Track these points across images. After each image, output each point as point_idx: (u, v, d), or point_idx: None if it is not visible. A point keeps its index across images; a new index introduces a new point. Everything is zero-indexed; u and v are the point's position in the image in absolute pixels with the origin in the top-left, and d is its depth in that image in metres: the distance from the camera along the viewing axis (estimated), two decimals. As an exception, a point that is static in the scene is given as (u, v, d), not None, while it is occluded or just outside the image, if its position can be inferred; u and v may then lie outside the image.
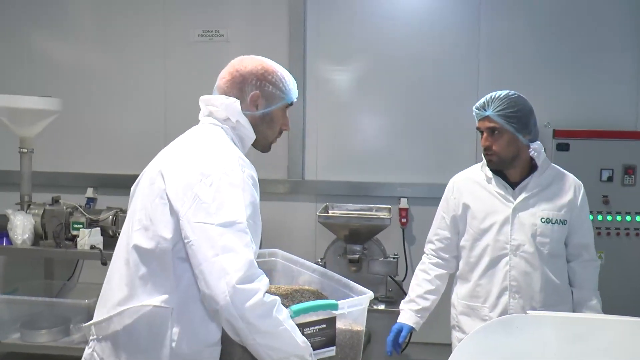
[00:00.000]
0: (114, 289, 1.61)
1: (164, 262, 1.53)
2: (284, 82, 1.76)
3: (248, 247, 1.44)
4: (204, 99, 1.78)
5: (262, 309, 1.40)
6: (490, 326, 1.49)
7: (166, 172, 1.59)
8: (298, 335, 1.48)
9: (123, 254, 1.62)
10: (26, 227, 3.52)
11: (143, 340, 1.54)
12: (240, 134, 1.72)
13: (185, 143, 1.71)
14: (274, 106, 1.74)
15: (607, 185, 3.85)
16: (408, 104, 4.34)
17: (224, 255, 1.41)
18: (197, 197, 1.48)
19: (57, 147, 4.45)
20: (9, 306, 3.55)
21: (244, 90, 1.71)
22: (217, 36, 4.40)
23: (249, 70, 1.73)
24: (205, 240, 1.43)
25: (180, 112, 4.45)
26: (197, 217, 1.46)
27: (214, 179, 1.50)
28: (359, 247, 3.21)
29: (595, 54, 4.19)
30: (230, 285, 1.38)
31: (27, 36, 4.57)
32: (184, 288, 1.54)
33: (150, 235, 1.55)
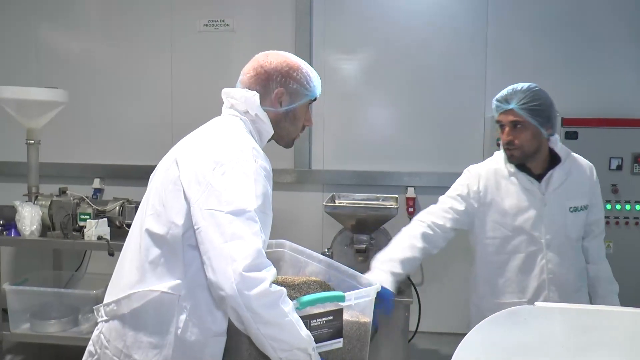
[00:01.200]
0: (124, 272, 1.63)
1: (174, 248, 1.55)
2: (309, 79, 1.76)
3: (257, 235, 1.44)
4: (225, 92, 1.78)
5: (267, 298, 1.40)
6: (497, 318, 1.48)
7: (181, 160, 1.61)
8: (302, 328, 1.47)
9: (136, 239, 1.64)
10: (34, 218, 3.53)
11: (149, 325, 1.56)
12: (259, 127, 1.73)
13: (202, 132, 1.72)
14: (297, 103, 1.75)
15: (616, 174, 3.82)
16: (415, 93, 4.32)
17: (232, 242, 1.41)
18: (209, 184, 1.49)
19: (64, 138, 4.46)
20: (18, 297, 3.57)
21: (268, 86, 1.72)
22: (222, 26, 4.38)
23: (274, 67, 1.73)
24: (214, 227, 1.44)
25: (187, 101, 4.45)
26: (208, 204, 1.47)
27: (226, 167, 1.51)
28: (366, 237, 3.20)
29: (604, 42, 4.15)
30: (236, 272, 1.38)
31: (34, 28, 4.57)
32: (192, 276, 1.55)
33: (163, 221, 1.56)
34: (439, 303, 4.29)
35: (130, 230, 1.73)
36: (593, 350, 1.42)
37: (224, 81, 4.32)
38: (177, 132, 4.40)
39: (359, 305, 1.68)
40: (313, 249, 2.02)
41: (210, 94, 4.39)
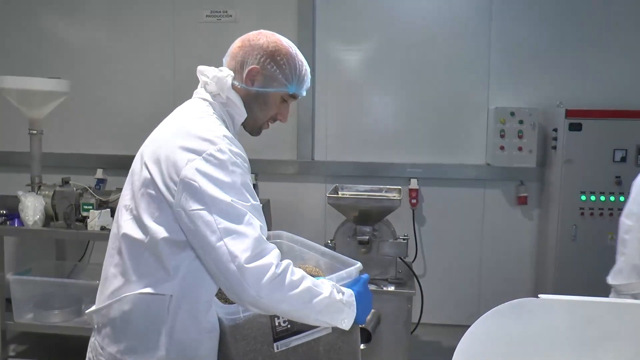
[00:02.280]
0: (109, 278, 1.57)
1: (156, 252, 1.50)
2: (292, 70, 1.64)
3: (249, 225, 1.41)
4: (200, 69, 1.69)
5: (277, 280, 1.39)
6: (500, 310, 1.46)
7: (148, 158, 1.53)
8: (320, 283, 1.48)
9: (115, 242, 1.58)
10: (37, 208, 3.53)
11: (140, 328, 1.52)
12: (231, 111, 1.64)
13: (168, 124, 1.63)
14: (271, 89, 1.64)
15: (620, 166, 3.81)
16: (418, 84, 4.30)
17: (227, 239, 1.39)
18: (185, 182, 1.43)
19: (66, 128, 4.45)
20: (22, 287, 3.59)
21: (246, 61, 1.62)
22: (225, 16, 4.36)
23: (260, 44, 1.63)
24: (205, 227, 1.41)
25: (189, 92, 4.37)
26: (191, 205, 1.42)
27: (199, 162, 1.44)
28: (369, 229, 3.19)
29: (608, 33, 4.13)
30: (240, 267, 1.37)
31: (36, 18, 4.56)
32: (182, 276, 1.51)
33: (141, 226, 1.51)
34: (441, 295, 4.29)
35: (111, 233, 1.65)
36: (599, 343, 1.41)
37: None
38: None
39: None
40: (315, 240, 2.01)
41: (213, 85, 4.42)
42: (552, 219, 3.99)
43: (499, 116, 4.08)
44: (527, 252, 4.31)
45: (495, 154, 4.10)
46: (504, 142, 4.08)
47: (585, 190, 3.84)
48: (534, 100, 4.17)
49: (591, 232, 3.85)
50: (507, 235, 4.32)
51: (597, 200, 3.84)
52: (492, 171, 4.23)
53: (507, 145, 4.08)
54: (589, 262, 3.85)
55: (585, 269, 3.85)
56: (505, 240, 4.32)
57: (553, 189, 3.99)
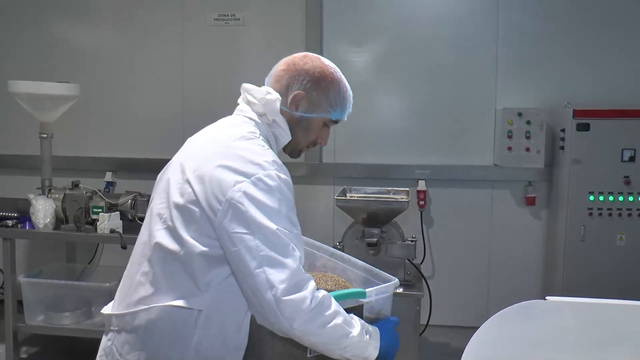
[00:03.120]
0: (136, 285, 1.54)
1: (190, 265, 1.48)
2: (336, 96, 1.66)
3: (290, 255, 1.42)
4: (245, 88, 1.68)
5: (310, 314, 1.40)
6: (508, 312, 1.47)
7: (192, 173, 1.51)
8: (351, 321, 1.49)
9: (145, 250, 1.56)
10: (47, 211, 3.56)
11: (165, 340, 1.50)
12: (276, 132, 1.64)
13: (214, 139, 1.60)
14: (314, 114, 1.66)
15: (629, 166, 3.79)
16: (426, 85, 4.30)
17: (267, 268, 1.39)
18: (231, 205, 1.42)
19: (76, 131, 4.49)
20: (33, 289, 3.62)
21: (291, 85, 1.63)
22: (233, 20, 4.38)
23: (306, 69, 1.64)
24: (246, 252, 1.41)
25: (198, 95, 4.46)
26: (235, 228, 1.42)
27: (247, 185, 1.43)
28: (377, 230, 3.19)
29: (615, 32, 4.11)
30: (277, 298, 1.37)
31: (48, 23, 4.59)
32: (213, 292, 1.49)
33: (176, 238, 1.49)
34: (449, 296, 4.29)
35: (139, 239, 1.63)
36: (607, 345, 1.41)
37: (234, 75, 4.41)
38: (188, 125, 4.38)
39: (378, 302, 1.66)
40: (324, 242, 2.02)
41: (221, 88, 4.43)
42: (560, 220, 3.98)
43: (506, 117, 4.08)
44: (536, 252, 4.30)
45: (503, 154, 4.10)
46: (512, 143, 4.07)
47: (594, 191, 3.83)
48: (541, 100, 4.17)
49: (600, 232, 3.83)
50: (515, 236, 4.31)
51: (605, 201, 3.82)
52: (500, 172, 4.23)
53: (514, 146, 4.08)
54: (598, 262, 3.84)
55: (594, 270, 3.84)
56: (513, 241, 4.31)
57: (561, 190, 3.98)
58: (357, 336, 1.49)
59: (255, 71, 4.31)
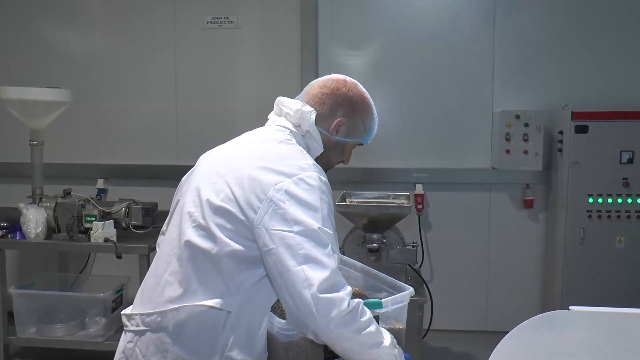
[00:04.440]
0: (163, 284, 1.54)
1: (221, 265, 1.48)
2: (371, 124, 1.77)
3: (330, 256, 1.42)
4: (280, 101, 1.73)
5: (347, 317, 1.39)
6: (532, 323, 1.43)
7: (230, 174, 1.53)
8: (382, 332, 1.49)
9: (175, 249, 1.56)
10: (39, 220, 3.48)
11: (193, 341, 1.49)
12: (309, 143, 1.68)
13: (253, 143, 1.64)
14: (351, 140, 1.74)
15: (627, 168, 3.78)
16: (423, 88, 4.27)
17: (306, 266, 1.39)
18: (273, 203, 1.44)
19: (67, 138, 4.40)
20: (25, 300, 3.53)
21: (335, 111, 1.70)
22: (227, 23, 4.32)
23: (350, 96, 1.72)
24: (286, 250, 1.41)
25: (191, 100, 4.40)
26: (275, 225, 1.43)
27: (289, 184, 1.46)
28: (378, 236, 3.15)
29: (613, 33, 4.12)
30: (314, 296, 1.37)
31: (37, 27, 4.50)
32: (245, 294, 1.49)
33: (210, 237, 1.49)
34: (449, 300, 4.25)
35: (166, 238, 1.64)
36: (634, 356, 1.38)
37: (229, 79, 4.35)
38: (181, 130, 4.34)
39: (394, 312, 1.65)
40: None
41: (215, 92, 4.38)
42: (559, 222, 3.96)
43: (504, 119, 4.05)
44: (535, 255, 4.28)
45: (501, 157, 4.07)
46: (510, 146, 4.05)
47: (593, 193, 3.81)
48: (539, 102, 4.15)
49: (599, 234, 3.82)
50: (513, 239, 4.29)
51: (604, 203, 3.81)
52: (498, 175, 4.20)
53: (512, 148, 4.05)
54: (598, 265, 3.83)
55: (593, 272, 3.83)
56: (512, 244, 4.29)
57: (560, 192, 3.96)
58: (388, 347, 1.48)
59: (251, 74, 4.36)
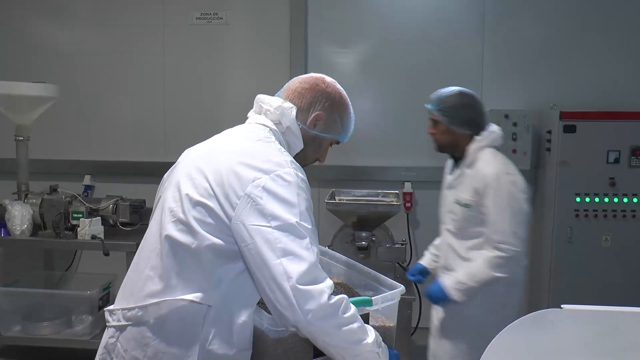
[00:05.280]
0: (144, 279, 1.55)
1: (201, 259, 1.48)
2: (348, 122, 1.78)
3: (308, 249, 1.42)
4: (260, 98, 1.74)
5: (327, 310, 1.40)
6: (524, 321, 1.43)
7: (209, 170, 1.53)
8: (366, 330, 1.48)
9: (155, 244, 1.56)
10: (24, 217, 3.43)
11: (173, 335, 1.49)
12: (289, 140, 1.68)
13: (231, 140, 1.65)
14: (328, 135, 1.74)
15: (614, 167, 3.82)
16: (412, 87, 4.27)
17: (284, 259, 1.40)
18: (250, 199, 1.45)
19: (53, 134, 4.35)
20: (9, 298, 3.49)
21: (314, 104, 1.70)
22: (215, 19, 4.29)
23: (329, 92, 1.73)
24: (264, 244, 1.41)
25: (180, 96, 4.37)
26: (252, 220, 1.43)
27: (267, 180, 1.47)
28: (367, 234, 3.15)
29: (602, 34, 4.15)
30: (294, 287, 1.38)
31: (23, 21, 4.45)
32: (226, 288, 1.50)
33: (189, 231, 1.49)
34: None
35: (147, 233, 1.64)
36: (625, 354, 1.38)
37: (217, 75, 4.32)
38: (169, 127, 4.31)
39: (384, 310, 1.65)
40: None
41: (204, 89, 4.35)
42: (547, 221, 3.98)
43: (493, 119, 4.00)
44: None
45: (490, 156, 4.08)
46: (498, 145, 4.06)
47: (580, 192, 3.84)
48: (527, 102, 4.17)
49: (586, 233, 3.85)
50: (501, 238, 4.29)
51: (591, 202, 3.84)
52: (487, 174, 4.21)
53: (501, 147, 4.05)
54: (585, 263, 3.86)
55: (581, 271, 3.86)
56: (499, 242, 4.30)
57: (548, 191, 3.99)
58: (371, 345, 1.48)
59: (239, 71, 4.33)
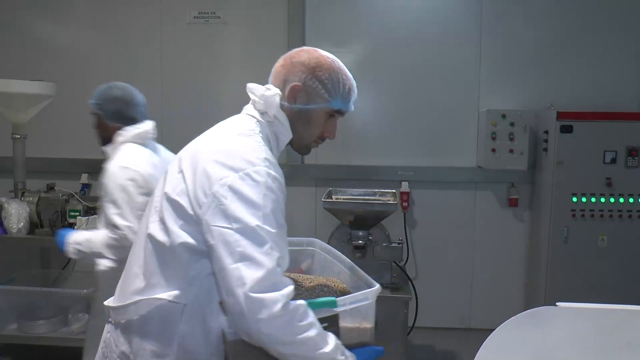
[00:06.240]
0: (131, 277, 1.56)
1: (178, 258, 1.47)
2: (335, 85, 1.58)
3: (268, 255, 1.37)
4: (249, 87, 1.64)
5: (281, 319, 1.34)
6: (520, 319, 1.44)
7: (186, 167, 1.51)
8: (326, 339, 1.41)
9: (141, 242, 1.57)
10: (21, 215, 3.43)
11: (153, 333, 1.50)
12: (277, 131, 1.59)
13: (213, 135, 1.60)
14: (314, 105, 1.58)
15: (611, 167, 3.83)
16: (409, 86, 4.28)
17: (241, 264, 1.35)
18: (216, 198, 1.41)
19: (50, 132, 4.34)
20: (6, 296, 3.48)
21: (288, 79, 1.58)
22: (213, 18, 4.29)
23: (301, 61, 1.58)
24: (223, 247, 1.37)
25: (177, 95, 4.36)
26: (216, 221, 1.39)
27: (234, 179, 1.41)
28: (364, 233, 3.15)
29: (599, 35, 4.16)
30: (246, 295, 1.32)
31: (19, 18, 4.43)
32: (199, 286, 1.48)
33: (165, 229, 1.49)
34: (433, 298, 4.27)
35: (138, 232, 1.65)
36: (619, 351, 1.39)
37: (215, 74, 4.32)
38: (167, 125, 4.27)
39: (359, 311, 1.57)
40: (307, 244, 1.96)
41: (202, 88, 4.35)
42: (543, 221, 3.99)
43: (490, 118, 4.07)
44: (519, 254, 4.31)
45: (487, 156, 4.09)
46: (495, 145, 4.08)
47: (577, 192, 3.85)
48: (524, 102, 4.18)
49: (583, 233, 3.86)
50: (498, 237, 4.31)
51: (588, 202, 3.85)
52: (484, 174, 4.23)
53: (498, 147, 4.08)
54: (581, 263, 3.87)
55: (577, 271, 3.87)
56: (496, 242, 4.32)
57: (544, 191, 4.00)
58: (330, 353, 1.41)
59: (237, 70, 4.33)
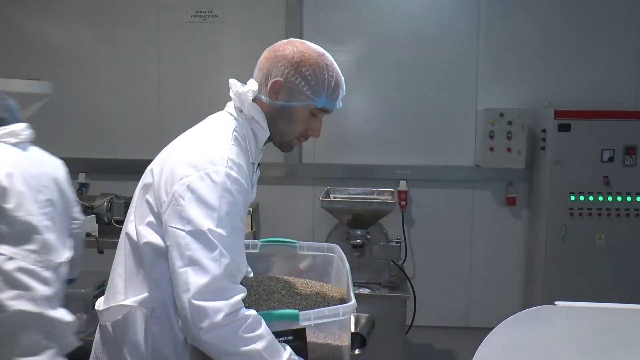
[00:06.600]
0: (116, 278, 1.55)
1: (144, 257, 1.46)
2: (320, 82, 1.50)
3: (215, 261, 1.31)
4: (230, 83, 1.58)
5: (223, 330, 1.28)
6: (518, 317, 1.44)
7: (157, 165, 1.49)
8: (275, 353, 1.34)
9: (122, 243, 1.56)
10: (18, 214, 3.41)
11: (125, 336, 1.50)
12: (254, 128, 1.55)
13: (190, 134, 1.57)
14: (296, 103, 1.51)
15: (608, 166, 3.83)
16: (407, 85, 4.28)
17: (190, 268, 1.31)
18: (174, 197, 1.37)
19: (47, 132, 4.28)
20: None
21: (270, 73, 1.51)
22: (210, 17, 4.29)
23: (285, 55, 1.50)
24: (175, 249, 1.34)
25: (175, 94, 4.36)
26: (172, 221, 1.36)
27: (192, 179, 1.37)
28: (362, 232, 3.15)
29: (597, 34, 4.16)
30: (189, 301, 1.28)
31: (17, 18, 4.42)
32: (164, 288, 1.45)
33: (134, 228, 1.49)
34: (431, 297, 4.27)
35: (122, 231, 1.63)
36: (618, 350, 1.39)
37: (212, 73, 4.32)
38: (164, 125, 4.30)
39: (332, 327, 1.50)
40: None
41: (199, 87, 4.34)
42: (541, 220, 4.00)
43: (488, 117, 4.07)
44: (517, 252, 4.31)
45: (485, 155, 4.10)
46: (493, 143, 4.08)
47: (575, 191, 3.86)
48: (522, 100, 4.18)
49: (580, 232, 3.87)
50: (496, 236, 4.32)
51: (586, 201, 3.85)
52: (482, 172, 4.23)
53: (496, 146, 4.08)
54: (579, 262, 3.88)
55: (574, 269, 3.88)
56: (494, 240, 4.32)
57: (542, 190, 4.00)
58: None
59: (234, 69, 4.25)
